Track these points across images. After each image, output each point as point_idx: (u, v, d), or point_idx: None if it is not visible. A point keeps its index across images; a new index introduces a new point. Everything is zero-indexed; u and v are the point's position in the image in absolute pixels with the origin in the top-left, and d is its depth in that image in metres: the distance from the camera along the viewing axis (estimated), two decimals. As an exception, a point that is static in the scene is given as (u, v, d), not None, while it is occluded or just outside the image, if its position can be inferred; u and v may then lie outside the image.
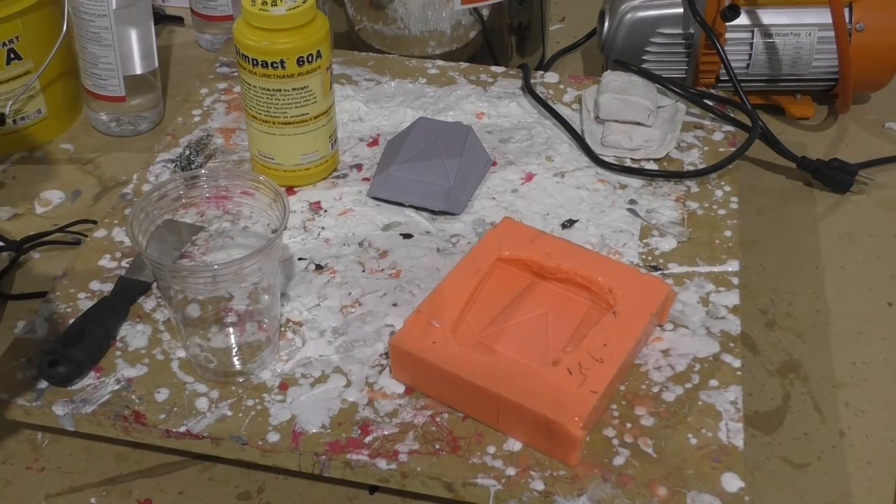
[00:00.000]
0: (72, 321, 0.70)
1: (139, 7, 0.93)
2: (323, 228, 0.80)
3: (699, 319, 0.72)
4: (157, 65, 0.98)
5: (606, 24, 0.99)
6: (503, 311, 0.69)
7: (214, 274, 0.63)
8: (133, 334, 0.71)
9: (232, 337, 0.68)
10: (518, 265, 0.72)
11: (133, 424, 0.65)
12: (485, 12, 0.97)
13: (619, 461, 0.62)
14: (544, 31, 1.06)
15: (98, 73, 0.95)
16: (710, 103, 0.91)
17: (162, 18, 1.16)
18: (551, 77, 0.97)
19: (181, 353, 0.69)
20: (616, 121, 0.88)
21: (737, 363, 0.68)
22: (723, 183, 0.84)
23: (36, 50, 0.93)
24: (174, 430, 0.64)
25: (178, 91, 1.05)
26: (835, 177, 0.91)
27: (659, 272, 0.76)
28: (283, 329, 0.71)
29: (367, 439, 0.63)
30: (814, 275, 0.84)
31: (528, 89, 0.93)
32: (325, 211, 0.81)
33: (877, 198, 0.92)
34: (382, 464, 0.62)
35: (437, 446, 0.63)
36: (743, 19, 0.95)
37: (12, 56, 0.92)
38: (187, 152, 0.87)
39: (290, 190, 0.83)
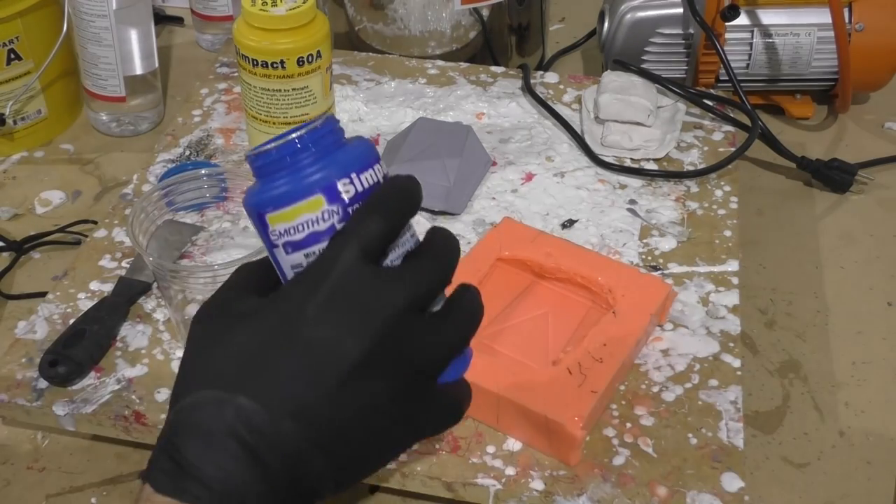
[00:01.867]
0: (72, 321, 0.70)
1: (139, 7, 0.93)
2: (323, 228, 0.79)
3: (699, 319, 0.72)
4: (157, 65, 0.98)
5: (606, 25, 0.99)
6: (503, 311, 0.69)
7: (214, 274, 0.63)
8: (133, 334, 0.71)
9: (232, 337, 0.68)
10: (518, 265, 0.72)
11: (133, 424, 0.65)
12: (485, 12, 0.97)
13: (619, 461, 0.62)
14: (544, 31, 1.06)
15: (98, 73, 0.95)
16: (709, 103, 0.91)
17: (162, 18, 1.16)
18: (551, 77, 0.97)
19: (181, 353, 0.69)
20: (616, 121, 0.87)
21: (737, 363, 0.68)
22: (723, 183, 0.84)
23: (36, 50, 0.93)
24: (174, 430, 0.64)
25: (178, 91, 1.05)
26: (834, 177, 0.91)
27: (659, 272, 0.76)
28: (283, 329, 0.71)
29: (367, 439, 0.63)
30: (814, 275, 0.84)
31: (528, 89, 0.93)
32: (325, 211, 0.81)
33: (877, 198, 0.92)
34: (382, 464, 0.62)
35: (437, 446, 0.63)
36: (743, 19, 0.95)
37: (12, 56, 0.92)
38: (187, 152, 0.87)
39: (290, 190, 0.83)
